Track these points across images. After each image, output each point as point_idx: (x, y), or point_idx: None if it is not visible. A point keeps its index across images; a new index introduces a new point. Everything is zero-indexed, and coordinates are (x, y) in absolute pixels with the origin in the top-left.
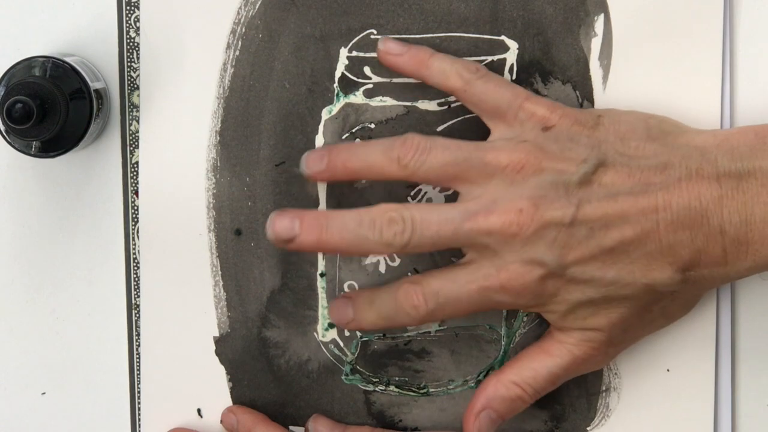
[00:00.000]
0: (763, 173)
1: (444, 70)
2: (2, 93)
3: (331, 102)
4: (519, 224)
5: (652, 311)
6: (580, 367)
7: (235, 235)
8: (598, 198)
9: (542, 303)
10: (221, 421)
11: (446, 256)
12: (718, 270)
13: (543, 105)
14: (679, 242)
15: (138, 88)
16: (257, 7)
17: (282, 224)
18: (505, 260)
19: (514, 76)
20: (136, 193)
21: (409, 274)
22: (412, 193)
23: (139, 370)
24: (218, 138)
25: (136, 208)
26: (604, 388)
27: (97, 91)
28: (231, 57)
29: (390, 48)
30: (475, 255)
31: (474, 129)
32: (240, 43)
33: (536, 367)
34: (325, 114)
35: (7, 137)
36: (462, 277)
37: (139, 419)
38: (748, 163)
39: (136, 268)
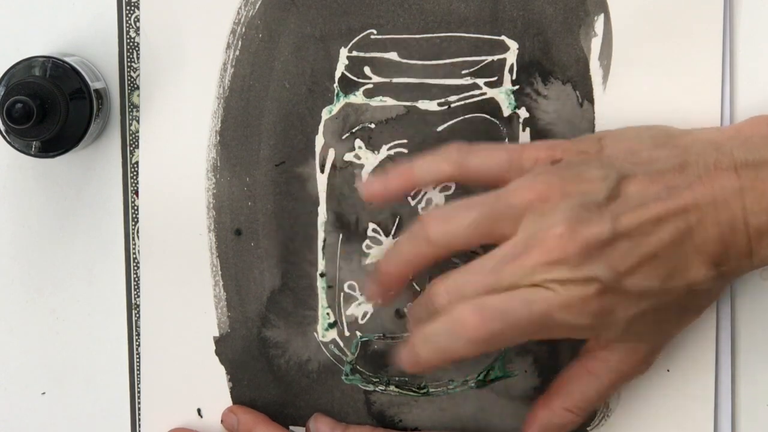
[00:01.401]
0: None
1: (430, 167)
2: (2, 93)
3: (331, 102)
4: (561, 248)
5: (689, 310)
6: (626, 379)
7: (235, 235)
8: (630, 209)
9: (599, 324)
10: (221, 421)
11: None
12: (744, 261)
13: (542, 147)
14: (710, 238)
15: (138, 88)
16: (257, 7)
17: None
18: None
19: (514, 76)
20: (136, 193)
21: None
22: (412, 193)
23: (139, 370)
24: (218, 138)
25: (136, 208)
26: None
27: (97, 91)
28: (231, 57)
29: (373, 189)
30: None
31: (475, 129)
32: (240, 43)
33: (584, 390)
34: (325, 114)
35: (7, 137)
36: (519, 298)
37: (139, 419)
38: (765, 152)
39: (136, 268)
